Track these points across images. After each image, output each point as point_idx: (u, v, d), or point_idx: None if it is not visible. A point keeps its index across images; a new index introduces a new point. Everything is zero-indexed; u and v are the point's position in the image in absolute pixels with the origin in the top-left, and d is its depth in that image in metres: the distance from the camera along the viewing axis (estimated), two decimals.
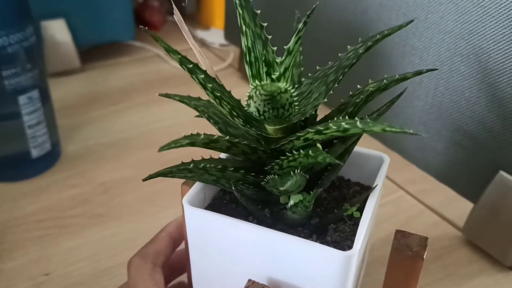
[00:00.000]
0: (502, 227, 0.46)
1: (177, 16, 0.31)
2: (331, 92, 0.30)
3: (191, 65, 0.29)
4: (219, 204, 0.35)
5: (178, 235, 0.38)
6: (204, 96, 0.31)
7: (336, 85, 0.30)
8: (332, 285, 0.29)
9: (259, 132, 0.30)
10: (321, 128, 0.26)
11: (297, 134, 0.28)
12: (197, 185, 0.33)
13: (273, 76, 0.28)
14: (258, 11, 0.30)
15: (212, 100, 0.29)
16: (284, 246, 0.29)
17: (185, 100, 0.31)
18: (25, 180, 0.57)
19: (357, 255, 0.28)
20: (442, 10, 0.47)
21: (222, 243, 0.32)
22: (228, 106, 0.29)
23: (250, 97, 0.27)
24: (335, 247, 0.29)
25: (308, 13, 0.27)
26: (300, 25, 0.26)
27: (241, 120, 0.29)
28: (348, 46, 0.33)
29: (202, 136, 0.27)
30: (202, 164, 0.29)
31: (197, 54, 0.33)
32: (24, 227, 0.51)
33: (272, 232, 0.29)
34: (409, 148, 0.56)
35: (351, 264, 0.28)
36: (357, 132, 0.25)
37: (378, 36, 0.31)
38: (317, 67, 0.33)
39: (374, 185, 0.33)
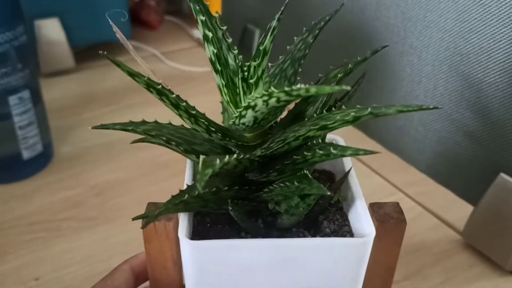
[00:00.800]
0: (503, 231, 0.45)
1: (119, 35, 0.30)
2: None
3: (159, 86, 0.27)
4: (204, 229, 0.31)
5: (142, 272, 0.34)
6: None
7: (298, 78, 0.29)
8: (350, 274, 0.28)
9: (239, 143, 0.28)
10: (327, 123, 0.25)
11: (295, 134, 0.26)
12: (185, 215, 0.30)
13: (251, 81, 0.26)
14: (216, 15, 0.28)
15: (185, 119, 0.28)
16: (304, 251, 0.28)
17: (130, 127, 0.29)
18: (16, 182, 0.56)
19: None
20: (441, 8, 0.46)
21: (235, 271, 0.29)
22: (205, 123, 0.27)
23: (249, 107, 0.25)
24: (336, 236, 0.29)
25: (282, 8, 0.26)
26: (274, 23, 0.25)
27: (219, 134, 0.28)
28: (295, 38, 0.32)
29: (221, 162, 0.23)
30: (196, 192, 0.27)
31: (146, 69, 0.31)
32: (15, 230, 0.50)
33: (289, 241, 0.27)
34: (408, 149, 0.55)
35: (367, 249, 0.28)
36: (369, 118, 0.24)
37: (322, 23, 0.31)
38: (269, 64, 0.31)
39: (347, 169, 0.33)
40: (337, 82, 0.29)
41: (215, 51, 0.27)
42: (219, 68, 0.27)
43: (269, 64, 0.32)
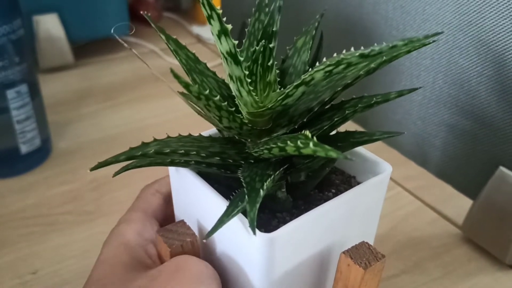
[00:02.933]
0: (502, 225, 0.45)
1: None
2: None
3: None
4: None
5: (168, 192, 0.37)
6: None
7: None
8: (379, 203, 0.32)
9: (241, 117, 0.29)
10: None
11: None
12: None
13: (269, 64, 0.27)
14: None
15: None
16: (351, 200, 0.31)
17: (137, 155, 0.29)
18: (14, 176, 0.56)
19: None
20: (440, 1, 0.46)
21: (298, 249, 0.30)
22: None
23: (302, 83, 0.26)
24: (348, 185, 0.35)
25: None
26: (279, 2, 0.26)
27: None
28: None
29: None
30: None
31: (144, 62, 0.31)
32: (12, 224, 0.50)
33: (340, 198, 0.31)
34: (407, 143, 0.55)
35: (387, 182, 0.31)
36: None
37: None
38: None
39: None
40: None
41: (236, 42, 0.26)
42: (241, 59, 0.26)
43: None
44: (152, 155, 0.28)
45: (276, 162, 0.29)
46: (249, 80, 0.27)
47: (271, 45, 0.26)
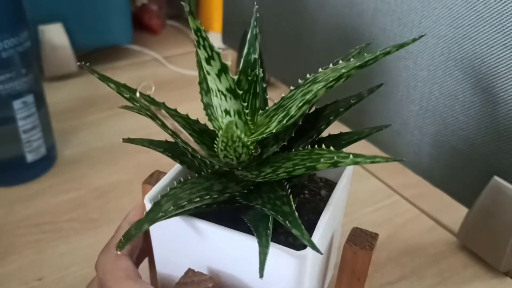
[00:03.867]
0: (497, 233, 0.46)
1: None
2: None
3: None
4: None
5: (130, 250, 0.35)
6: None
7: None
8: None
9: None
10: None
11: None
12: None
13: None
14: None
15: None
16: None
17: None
18: (20, 184, 0.57)
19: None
20: (435, 15, 0.47)
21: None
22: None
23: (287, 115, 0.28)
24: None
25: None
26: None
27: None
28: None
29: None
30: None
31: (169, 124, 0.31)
32: (18, 231, 0.51)
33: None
34: (404, 152, 0.56)
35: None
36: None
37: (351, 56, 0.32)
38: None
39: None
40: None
41: (236, 77, 0.27)
42: (240, 93, 0.26)
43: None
44: (172, 211, 0.28)
45: (280, 182, 0.30)
46: (246, 111, 0.27)
47: (256, 73, 0.27)
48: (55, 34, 0.77)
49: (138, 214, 0.37)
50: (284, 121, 0.27)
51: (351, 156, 0.24)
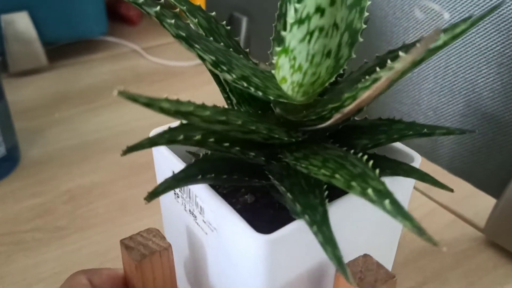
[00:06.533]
0: None
1: None
2: None
3: None
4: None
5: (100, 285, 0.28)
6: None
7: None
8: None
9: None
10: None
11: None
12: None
13: None
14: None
15: None
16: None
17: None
18: None
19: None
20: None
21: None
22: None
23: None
24: None
25: None
26: None
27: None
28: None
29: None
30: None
31: None
32: None
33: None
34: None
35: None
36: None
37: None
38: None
39: None
40: None
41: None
42: None
43: None
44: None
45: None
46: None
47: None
48: (20, 24, 0.70)
49: (105, 280, 0.29)
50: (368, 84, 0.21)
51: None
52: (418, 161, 0.29)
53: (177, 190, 0.30)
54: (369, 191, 0.18)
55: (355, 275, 0.24)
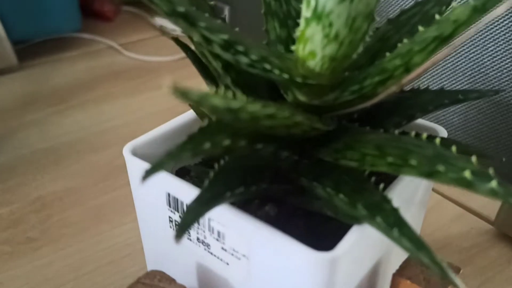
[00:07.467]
0: None
1: None
2: None
3: None
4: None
5: None
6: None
7: None
8: None
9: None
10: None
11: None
12: None
13: None
14: None
15: None
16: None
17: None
18: None
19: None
20: None
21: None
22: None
23: None
24: None
25: None
26: None
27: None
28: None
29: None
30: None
31: None
32: None
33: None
34: None
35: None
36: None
37: None
38: None
39: None
40: None
41: None
42: None
43: None
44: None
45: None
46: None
47: None
48: None
49: None
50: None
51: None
52: (445, 135, 0.26)
53: (173, 218, 0.25)
54: (467, 173, 0.14)
55: (417, 277, 0.20)
